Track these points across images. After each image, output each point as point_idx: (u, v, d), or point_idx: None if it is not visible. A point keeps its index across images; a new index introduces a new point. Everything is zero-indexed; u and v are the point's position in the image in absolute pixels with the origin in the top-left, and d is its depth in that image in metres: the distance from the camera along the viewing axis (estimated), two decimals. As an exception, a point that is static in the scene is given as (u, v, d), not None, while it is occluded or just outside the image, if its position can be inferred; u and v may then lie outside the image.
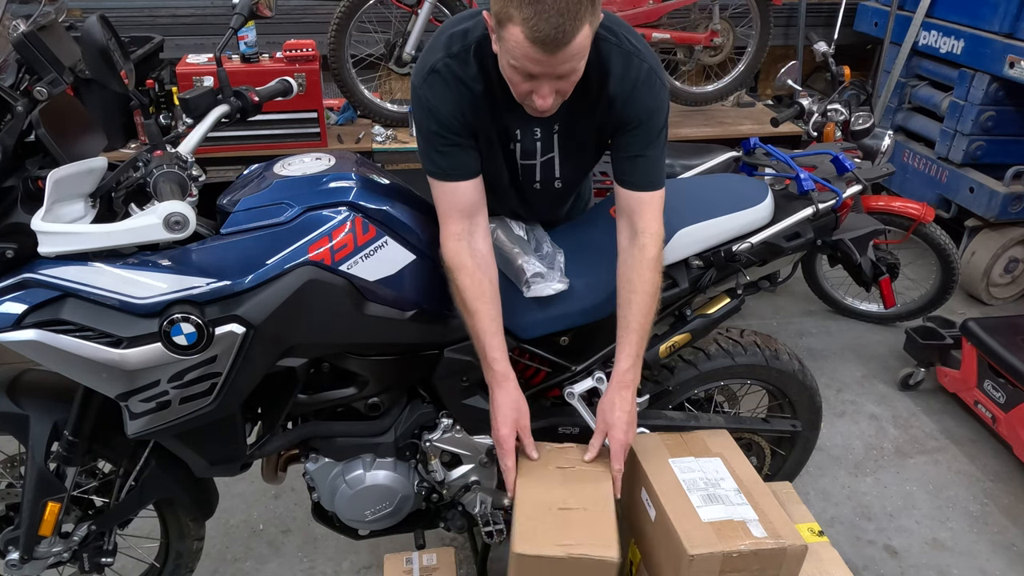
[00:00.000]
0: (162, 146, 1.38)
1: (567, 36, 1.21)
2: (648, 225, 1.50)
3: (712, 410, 1.99)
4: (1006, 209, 3.36)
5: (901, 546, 2.29)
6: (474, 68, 1.40)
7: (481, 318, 1.47)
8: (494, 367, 1.49)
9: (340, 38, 3.10)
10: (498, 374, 1.49)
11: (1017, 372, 2.48)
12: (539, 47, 1.22)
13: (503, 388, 1.50)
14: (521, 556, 1.34)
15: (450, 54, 1.40)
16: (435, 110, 1.41)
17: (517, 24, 1.21)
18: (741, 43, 3.69)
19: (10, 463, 1.70)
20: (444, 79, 1.40)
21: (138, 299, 1.30)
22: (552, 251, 1.63)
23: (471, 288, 1.46)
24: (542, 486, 1.49)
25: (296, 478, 2.31)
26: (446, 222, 1.48)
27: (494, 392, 1.51)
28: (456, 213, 1.47)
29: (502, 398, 1.50)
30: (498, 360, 1.49)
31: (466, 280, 1.46)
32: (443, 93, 1.41)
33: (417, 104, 1.44)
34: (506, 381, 1.50)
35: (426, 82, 1.42)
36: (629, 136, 1.48)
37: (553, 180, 1.61)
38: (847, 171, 1.80)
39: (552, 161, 1.57)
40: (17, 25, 1.40)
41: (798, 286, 3.61)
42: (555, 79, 1.29)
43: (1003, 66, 3.24)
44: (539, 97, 1.32)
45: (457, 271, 1.47)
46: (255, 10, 1.62)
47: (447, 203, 1.47)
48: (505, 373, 1.50)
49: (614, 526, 1.42)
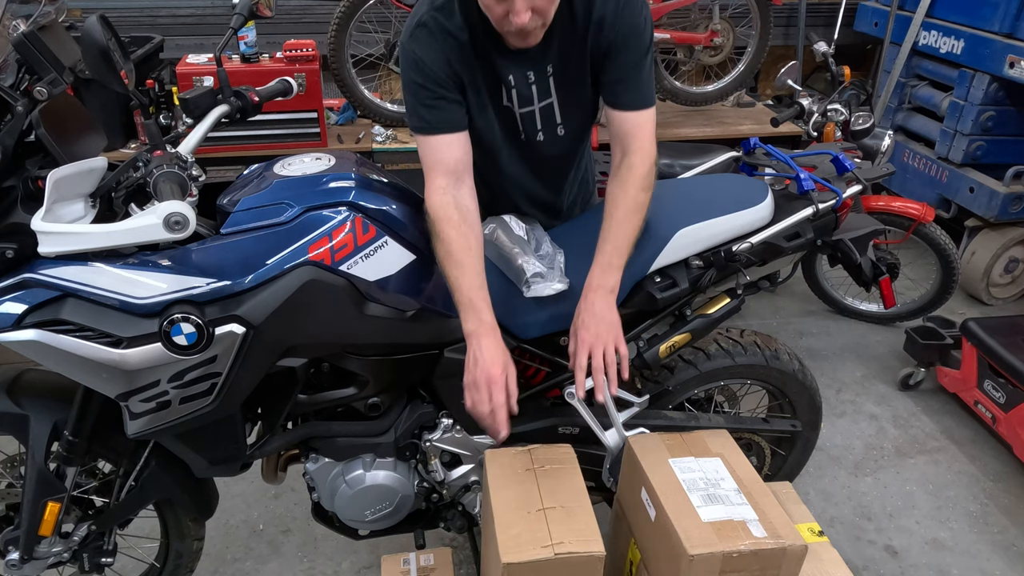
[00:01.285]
0: (162, 146, 1.38)
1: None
2: (640, 145, 1.52)
3: (712, 410, 1.99)
4: (1006, 209, 3.36)
5: (901, 546, 2.29)
6: (459, 18, 1.43)
7: (467, 271, 1.42)
8: (483, 318, 1.43)
9: (340, 38, 3.10)
10: (485, 324, 1.43)
11: (1017, 372, 2.48)
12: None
13: (491, 337, 1.43)
14: (510, 565, 1.35)
15: (435, 7, 1.43)
16: (420, 62, 1.44)
17: None
18: (741, 43, 3.69)
19: (10, 463, 1.70)
20: (430, 31, 1.43)
21: (138, 299, 1.30)
22: (552, 251, 1.63)
23: (458, 240, 1.43)
24: (515, 490, 1.49)
25: (296, 478, 2.32)
26: (431, 177, 1.47)
27: (481, 340, 1.42)
28: (441, 168, 1.47)
29: (490, 344, 1.42)
30: (485, 311, 1.43)
31: (452, 232, 1.43)
32: (429, 44, 1.43)
33: (404, 60, 1.46)
34: (494, 331, 1.44)
35: (412, 36, 1.45)
36: (619, 58, 1.48)
37: (555, 127, 1.60)
38: (847, 171, 1.80)
39: (551, 107, 1.57)
40: (17, 25, 1.40)
41: (798, 286, 3.61)
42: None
43: (1003, 66, 3.24)
44: (515, 15, 1.32)
45: (443, 223, 1.43)
46: (255, 10, 1.63)
47: (432, 159, 1.47)
48: (493, 324, 1.44)
49: (593, 519, 1.43)
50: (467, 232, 1.44)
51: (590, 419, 1.70)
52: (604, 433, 1.73)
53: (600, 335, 1.45)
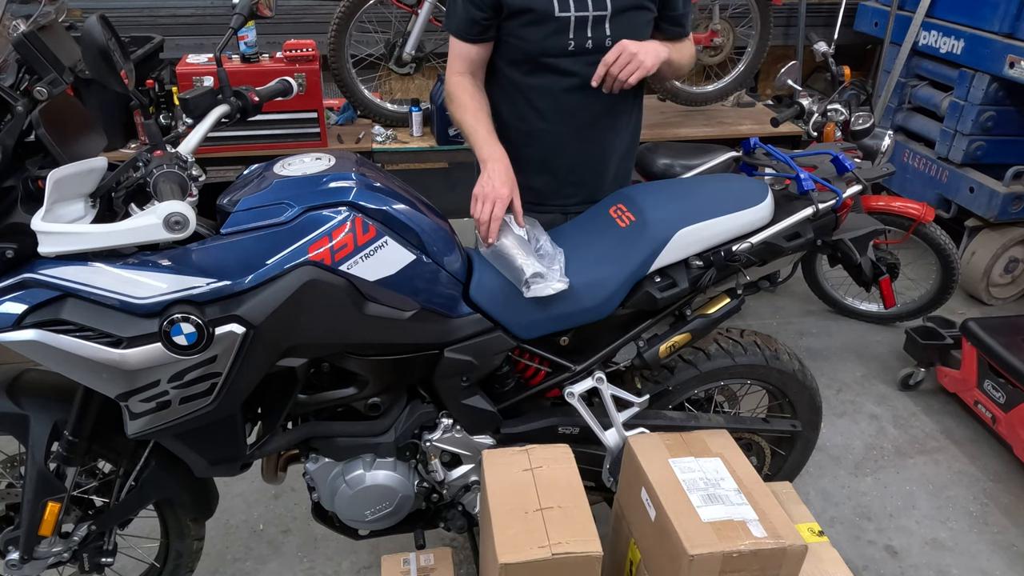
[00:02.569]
0: (162, 146, 1.38)
1: None
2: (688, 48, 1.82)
3: (712, 410, 1.99)
4: (1006, 209, 3.36)
5: (901, 546, 2.29)
6: None
7: (481, 119, 1.69)
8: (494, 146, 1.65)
9: (340, 38, 3.10)
10: (497, 151, 1.64)
11: (1017, 372, 2.48)
12: None
13: (504, 163, 1.63)
14: (507, 566, 1.35)
15: None
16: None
17: None
18: (741, 43, 3.68)
19: (10, 463, 1.70)
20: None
21: (138, 299, 1.30)
22: (552, 251, 1.63)
23: (472, 101, 1.72)
24: (512, 491, 1.50)
25: (296, 478, 2.32)
26: (453, 65, 1.76)
27: (497, 164, 1.62)
28: (462, 61, 1.75)
29: (502, 168, 1.62)
30: (494, 143, 1.66)
31: (466, 96, 1.72)
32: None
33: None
34: (506, 159, 1.64)
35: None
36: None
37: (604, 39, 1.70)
38: (847, 171, 1.80)
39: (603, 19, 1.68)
40: (17, 25, 1.40)
41: (798, 286, 3.61)
42: None
43: (1003, 66, 3.24)
44: None
45: (460, 90, 1.73)
46: (255, 10, 1.63)
47: (455, 54, 1.75)
48: (505, 155, 1.64)
49: (591, 519, 1.43)
50: (479, 96, 1.75)
51: (590, 419, 1.71)
52: (604, 433, 1.73)
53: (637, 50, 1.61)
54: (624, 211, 1.69)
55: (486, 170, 1.62)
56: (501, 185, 1.59)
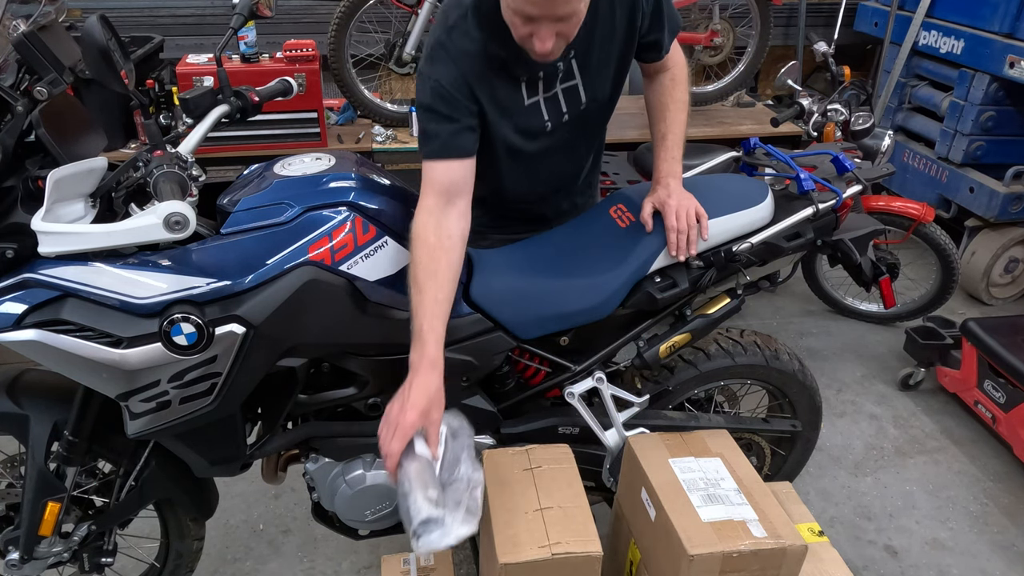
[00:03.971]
0: (162, 146, 1.38)
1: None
2: (676, 60, 1.64)
3: (712, 410, 1.99)
4: (1006, 209, 3.36)
5: (901, 546, 2.29)
6: (475, 31, 1.42)
7: (426, 296, 1.38)
8: (426, 350, 1.35)
9: (340, 38, 3.10)
10: (427, 358, 1.35)
11: (1017, 372, 2.48)
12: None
13: (428, 375, 1.34)
14: (507, 566, 1.35)
15: (449, 27, 1.42)
16: (438, 84, 1.43)
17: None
18: (741, 43, 3.68)
19: (10, 463, 1.70)
20: (447, 52, 1.42)
21: (138, 299, 1.30)
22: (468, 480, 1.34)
23: (426, 263, 1.40)
24: (512, 491, 1.49)
25: (296, 478, 2.31)
26: (424, 195, 1.45)
27: (416, 375, 1.34)
28: (435, 187, 1.44)
29: (423, 384, 1.34)
30: (431, 344, 1.36)
31: (423, 254, 1.40)
32: (447, 66, 1.42)
33: (421, 85, 1.45)
34: (433, 369, 1.36)
35: (430, 59, 1.44)
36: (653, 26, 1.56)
37: (579, 105, 1.61)
38: (847, 171, 1.80)
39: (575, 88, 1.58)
40: (17, 25, 1.40)
41: (798, 286, 3.61)
42: (555, 21, 1.31)
43: (1003, 66, 3.24)
44: (538, 40, 1.33)
45: (417, 243, 1.41)
46: (255, 10, 1.63)
47: (429, 178, 1.45)
48: (435, 360, 1.36)
49: (591, 519, 1.43)
50: (438, 256, 1.41)
51: (590, 419, 1.71)
52: (604, 433, 1.73)
53: (683, 203, 1.59)
54: (624, 211, 1.69)
55: (407, 380, 1.36)
56: (412, 409, 1.31)
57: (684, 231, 1.58)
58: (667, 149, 1.65)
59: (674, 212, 1.58)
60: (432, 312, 1.38)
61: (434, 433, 1.35)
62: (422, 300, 1.38)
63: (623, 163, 3.48)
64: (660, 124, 1.66)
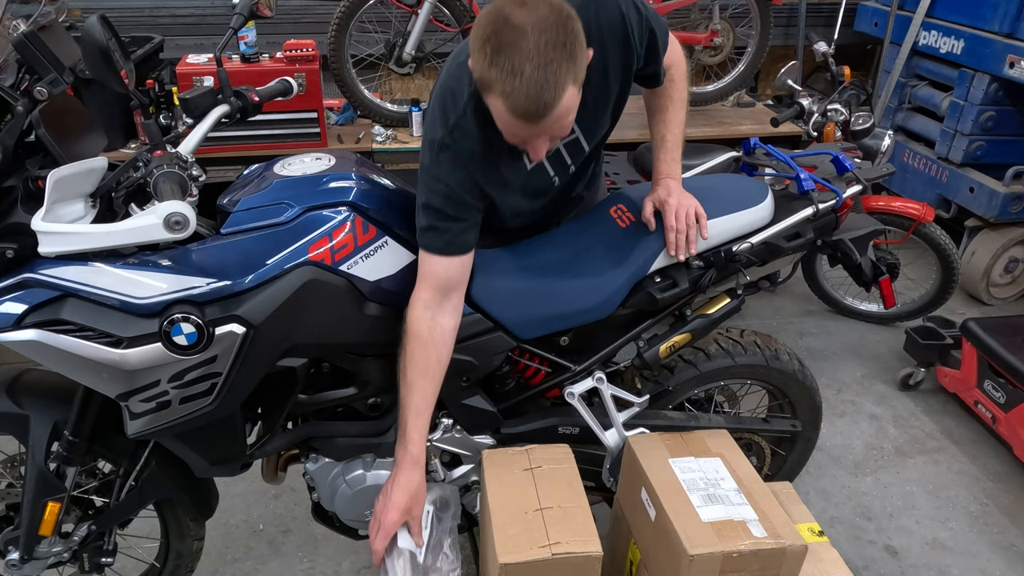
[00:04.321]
0: (162, 146, 1.38)
1: (549, 106, 1.19)
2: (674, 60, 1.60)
3: (712, 410, 1.99)
4: (1006, 209, 3.36)
5: (901, 546, 2.29)
6: (475, 130, 1.38)
7: (414, 393, 1.45)
8: (410, 447, 1.46)
9: (340, 38, 3.10)
10: (410, 455, 1.46)
11: (1017, 372, 2.48)
12: (522, 120, 1.21)
13: (410, 472, 1.47)
14: (507, 566, 1.35)
15: (450, 127, 1.38)
16: (447, 187, 1.39)
17: (498, 96, 1.20)
18: (741, 43, 3.69)
19: (10, 463, 1.70)
20: (454, 155, 1.38)
21: (138, 299, 1.30)
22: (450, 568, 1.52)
23: (418, 360, 1.44)
24: (512, 491, 1.50)
25: (296, 478, 2.31)
26: (421, 287, 1.45)
27: (399, 472, 1.47)
28: (433, 281, 1.44)
29: (405, 482, 1.46)
30: (415, 442, 1.46)
31: (417, 350, 1.44)
32: (454, 168, 1.39)
33: (426, 180, 1.42)
34: (415, 466, 1.47)
35: (437, 161, 1.39)
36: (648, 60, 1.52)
37: (582, 152, 1.59)
38: (847, 171, 1.80)
39: (576, 140, 1.55)
40: (17, 25, 1.40)
41: (798, 286, 3.61)
42: (545, 136, 1.29)
43: (1003, 66, 3.24)
44: (532, 151, 1.32)
45: (412, 339, 1.44)
46: (255, 10, 1.63)
47: (428, 272, 1.44)
48: (417, 458, 1.47)
49: (591, 519, 1.43)
50: (431, 352, 1.44)
51: (590, 419, 1.70)
52: (604, 433, 1.73)
53: (683, 203, 1.58)
54: (624, 211, 1.69)
55: (391, 475, 1.49)
56: (393, 508, 1.45)
57: (683, 231, 1.57)
58: (667, 149, 1.65)
59: (673, 212, 1.57)
60: (419, 410, 1.46)
61: (416, 526, 1.49)
62: (411, 397, 1.45)
63: (623, 163, 3.48)
64: (659, 124, 1.65)
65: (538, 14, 1.16)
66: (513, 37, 1.15)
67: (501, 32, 1.16)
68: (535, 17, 1.15)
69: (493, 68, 1.17)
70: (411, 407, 1.45)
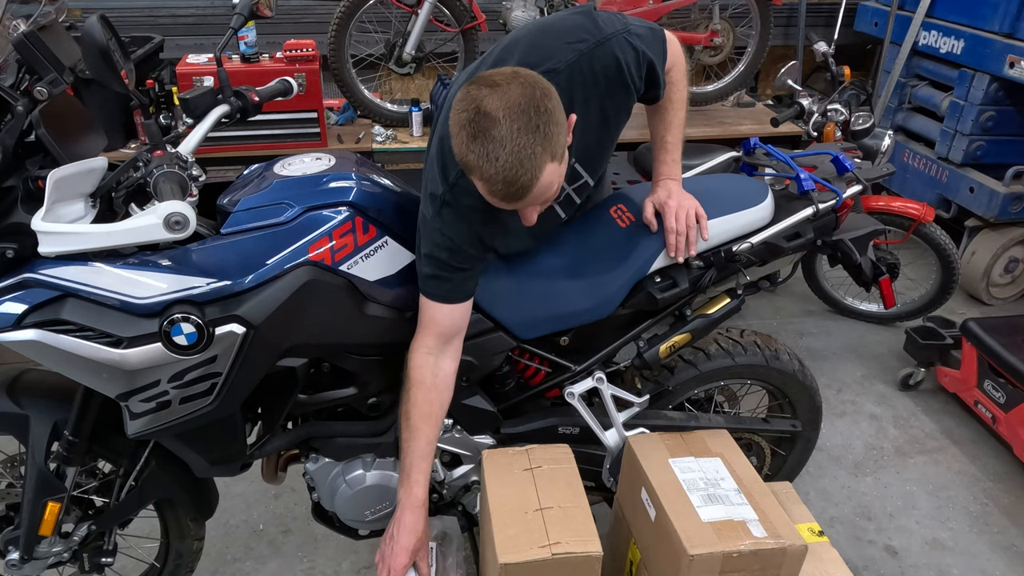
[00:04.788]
0: (162, 146, 1.38)
1: (527, 188, 1.20)
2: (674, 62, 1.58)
3: (712, 410, 1.99)
4: (1006, 209, 3.36)
5: (901, 546, 2.29)
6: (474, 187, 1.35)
7: (419, 438, 1.48)
8: (414, 490, 1.49)
9: (340, 38, 3.10)
10: (415, 498, 1.49)
11: (1017, 372, 2.48)
12: (503, 201, 1.23)
13: (415, 513, 1.50)
14: (507, 566, 1.35)
15: (450, 184, 1.39)
16: (450, 241, 1.40)
17: (478, 179, 1.22)
18: (741, 43, 3.69)
19: (10, 463, 1.70)
20: (456, 211, 1.39)
21: (138, 299, 1.30)
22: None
23: (421, 406, 1.47)
24: (512, 491, 1.50)
25: (296, 478, 2.31)
26: (423, 334, 1.47)
27: (404, 514, 1.50)
28: (435, 328, 1.46)
29: (411, 523, 1.49)
30: (420, 484, 1.50)
31: (420, 396, 1.47)
32: (457, 224, 1.40)
33: (428, 233, 1.42)
34: (420, 507, 1.50)
35: (440, 216, 1.40)
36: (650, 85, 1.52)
37: (583, 181, 1.60)
38: (847, 171, 1.80)
39: (575, 169, 1.56)
40: (17, 25, 1.40)
41: (798, 286, 3.61)
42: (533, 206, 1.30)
43: (1003, 66, 3.24)
44: (524, 218, 1.34)
45: (415, 385, 1.47)
46: (255, 10, 1.62)
47: (430, 319, 1.46)
48: (422, 499, 1.50)
49: (591, 519, 1.43)
50: (434, 399, 1.48)
51: (590, 419, 1.71)
52: (604, 433, 1.73)
53: (683, 204, 1.59)
54: (624, 211, 1.69)
55: (394, 518, 1.52)
56: (399, 553, 1.48)
57: (683, 232, 1.57)
58: (667, 150, 1.65)
59: (673, 213, 1.58)
60: (423, 454, 1.49)
61: (424, 565, 1.54)
62: (414, 442, 1.48)
63: (623, 163, 3.48)
64: (659, 125, 1.65)
65: (509, 98, 1.16)
66: (486, 124, 1.16)
67: (475, 120, 1.17)
68: (506, 102, 1.16)
69: (471, 154, 1.19)
70: (415, 451, 1.48)
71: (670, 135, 1.64)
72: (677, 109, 1.64)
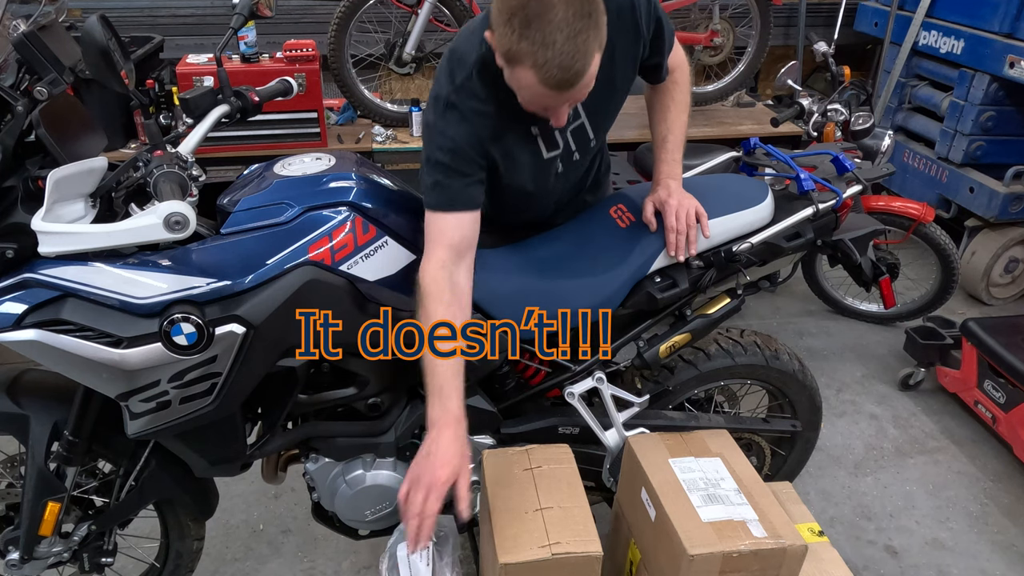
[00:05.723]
0: (162, 146, 1.38)
1: (580, 74, 1.22)
2: (678, 62, 1.62)
3: (712, 410, 1.99)
4: (1006, 209, 3.36)
5: (901, 546, 2.29)
6: (482, 91, 1.38)
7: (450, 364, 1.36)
8: (448, 406, 1.34)
9: (340, 38, 3.10)
10: (452, 413, 1.34)
11: (1017, 372, 2.48)
12: (554, 89, 1.23)
13: (454, 430, 1.33)
14: (507, 566, 1.35)
15: (456, 86, 1.38)
16: (452, 142, 1.38)
17: (528, 68, 1.21)
18: (741, 43, 3.69)
19: (10, 463, 1.70)
20: (461, 113, 1.38)
21: (138, 299, 1.30)
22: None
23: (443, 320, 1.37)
24: (512, 491, 1.49)
25: (296, 478, 2.31)
26: (433, 248, 1.40)
27: (441, 432, 1.33)
28: (445, 242, 1.39)
29: (451, 439, 1.32)
30: (454, 400, 1.35)
31: (440, 310, 1.36)
32: (460, 125, 1.38)
33: (431, 137, 1.41)
34: (459, 424, 1.35)
35: (443, 118, 1.39)
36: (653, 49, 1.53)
37: (588, 142, 1.59)
38: (847, 171, 1.80)
39: (582, 126, 1.55)
40: (17, 25, 1.40)
41: (798, 286, 3.61)
42: (570, 103, 1.32)
43: (1003, 66, 3.24)
44: (555, 118, 1.34)
45: (432, 298, 1.37)
46: (255, 10, 1.63)
47: (438, 231, 1.40)
48: (459, 416, 1.35)
49: (591, 519, 1.43)
50: (455, 312, 1.38)
51: (590, 419, 1.71)
52: (604, 433, 1.73)
53: (683, 203, 1.59)
54: (624, 211, 1.69)
55: (428, 438, 1.34)
56: (441, 466, 1.30)
57: (683, 232, 1.58)
58: (668, 151, 1.65)
59: (674, 212, 1.58)
60: (454, 369, 1.36)
61: (465, 484, 1.33)
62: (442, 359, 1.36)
63: (623, 163, 3.48)
64: (661, 125, 1.66)
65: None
66: (541, 9, 1.17)
67: (528, 5, 1.17)
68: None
69: (523, 41, 1.18)
70: (445, 367, 1.35)
71: (672, 136, 1.65)
72: (680, 111, 1.65)
